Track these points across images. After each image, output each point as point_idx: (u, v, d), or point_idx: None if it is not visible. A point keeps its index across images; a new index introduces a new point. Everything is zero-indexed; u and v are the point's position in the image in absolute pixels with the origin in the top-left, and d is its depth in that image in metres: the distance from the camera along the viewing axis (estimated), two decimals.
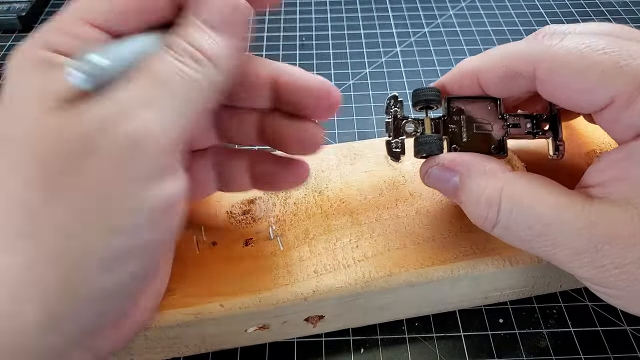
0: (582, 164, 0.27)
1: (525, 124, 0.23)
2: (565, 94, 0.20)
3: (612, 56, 0.18)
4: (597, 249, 0.18)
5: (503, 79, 0.22)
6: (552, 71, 0.19)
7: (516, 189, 0.20)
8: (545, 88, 0.20)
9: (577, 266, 0.19)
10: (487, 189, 0.20)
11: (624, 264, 0.18)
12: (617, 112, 0.19)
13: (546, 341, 0.27)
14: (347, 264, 0.24)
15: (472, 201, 0.21)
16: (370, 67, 0.47)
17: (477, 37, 0.50)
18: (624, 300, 0.19)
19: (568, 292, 0.29)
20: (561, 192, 0.20)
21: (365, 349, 0.27)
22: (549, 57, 0.20)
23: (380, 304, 0.25)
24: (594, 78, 0.18)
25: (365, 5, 0.56)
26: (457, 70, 0.23)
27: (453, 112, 0.23)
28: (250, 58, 0.21)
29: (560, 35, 0.20)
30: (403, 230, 0.25)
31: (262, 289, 0.23)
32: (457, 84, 0.23)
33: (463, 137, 0.23)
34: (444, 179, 0.22)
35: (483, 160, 0.22)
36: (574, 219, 0.19)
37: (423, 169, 0.24)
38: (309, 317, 0.25)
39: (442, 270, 0.24)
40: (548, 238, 0.19)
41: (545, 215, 0.19)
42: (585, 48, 0.19)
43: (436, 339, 0.27)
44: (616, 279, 0.18)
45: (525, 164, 0.27)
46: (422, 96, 0.23)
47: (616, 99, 0.18)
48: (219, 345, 0.26)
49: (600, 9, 0.53)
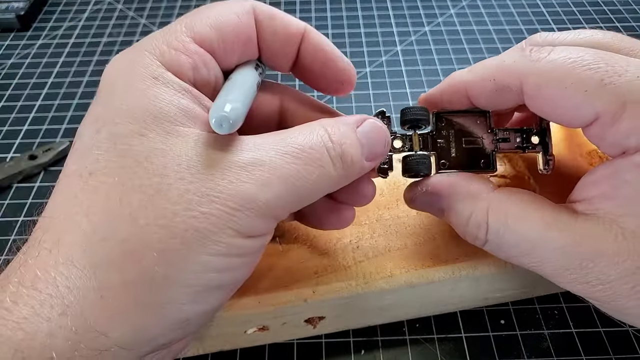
0: (582, 164, 0.27)
1: (515, 138, 0.23)
2: (552, 109, 0.20)
3: (598, 72, 0.18)
4: (582, 266, 0.18)
5: (492, 93, 0.21)
6: (539, 87, 0.19)
7: (501, 209, 0.20)
8: (532, 102, 0.20)
9: (565, 281, 0.20)
10: (473, 212, 0.21)
11: (608, 281, 0.18)
12: (602, 130, 0.18)
13: (547, 342, 0.27)
14: (348, 264, 0.24)
15: (460, 223, 0.21)
16: (370, 66, 0.47)
17: (478, 37, 0.49)
18: (612, 312, 0.20)
19: (569, 293, 0.28)
20: (547, 209, 0.20)
21: (365, 351, 0.27)
22: (535, 72, 0.19)
23: (380, 305, 0.25)
24: (578, 95, 0.18)
25: (365, 4, 0.56)
26: (447, 84, 0.23)
27: (442, 127, 0.23)
28: (282, 15, 0.21)
29: (548, 49, 0.20)
30: (404, 230, 0.25)
31: (261, 290, 0.23)
32: (446, 97, 0.23)
33: (452, 152, 0.23)
34: (429, 204, 0.23)
35: (467, 181, 0.22)
36: (559, 237, 0.19)
37: (408, 194, 0.23)
38: (309, 318, 0.25)
39: (444, 271, 0.23)
40: (535, 256, 0.20)
41: (531, 234, 0.19)
42: (571, 63, 0.19)
43: (437, 340, 0.27)
44: (601, 294, 0.19)
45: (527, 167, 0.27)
46: (410, 115, 0.23)
47: (600, 116, 0.18)
48: (218, 347, 0.26)
49: (601, 7, 0.53)
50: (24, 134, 0.41)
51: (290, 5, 0.55)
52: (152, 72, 0.18)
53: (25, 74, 0.47)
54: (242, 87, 0.20)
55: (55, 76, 0.47)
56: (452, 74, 0.23)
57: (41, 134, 0.41)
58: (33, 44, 0.51)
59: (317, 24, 0.53)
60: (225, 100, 0.18)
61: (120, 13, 0.55)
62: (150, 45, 0.19)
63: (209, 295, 0.17)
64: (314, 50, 0.21)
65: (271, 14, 0.21)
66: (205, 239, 0.16)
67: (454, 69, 0.46)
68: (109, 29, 0.53)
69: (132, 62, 0.18)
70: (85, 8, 0.56)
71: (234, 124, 0.17)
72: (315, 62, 0.22)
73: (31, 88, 0.46)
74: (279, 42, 0.21)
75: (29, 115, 0.43)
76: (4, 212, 0.35)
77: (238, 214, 0.16)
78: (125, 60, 0.19)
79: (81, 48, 0.50)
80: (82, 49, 0.50)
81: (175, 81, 0.18)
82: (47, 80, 0.46)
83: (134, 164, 0.16)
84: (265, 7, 0.21)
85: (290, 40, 0.21)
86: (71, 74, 0.47)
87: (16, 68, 0.48)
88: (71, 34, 0.52)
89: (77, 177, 0.17)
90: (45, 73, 0.47)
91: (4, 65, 0.48)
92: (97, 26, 0.53)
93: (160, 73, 0.18)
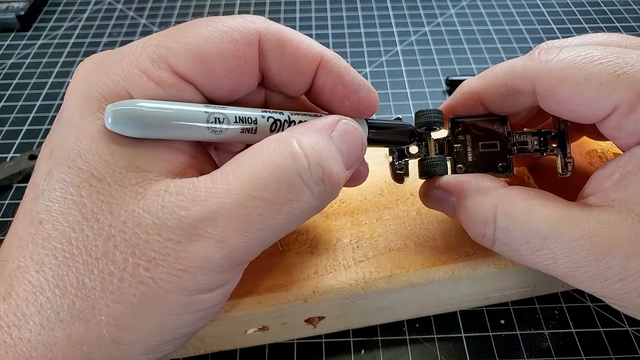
0: (582, 164, 0.27)
1: (532, 141, 0.23)
2: (567, 107, 0.20)
3: (609, 66, 0.18)
4: (598, 260, 0.17)
5: (505, 98, 0.22)
6: (551, 86, 0.19)
7: (510, 204, 0.20)
8: (546, 103, 0.20)
9: (581, 281, 0.18)
10: (481, 207, 0.20)
11: (628, 275, 0.17)
12: (619, 120, 0.18)
13: (547, 342, 0.27)
14: (348, 264, 0.24)
15: (469, 220, 0.21)
16: (370, 66, 0.47)
17: (478, 37, 0.49)
18: (631, 310, 0.19)
19: (569, 292, 0.29)
20: (558, 204, 0.19)
21: (365, 350, 0.26)
22: (547, 72, 0.19)
23: (380, 305, 0.25)
24: (593, 90, 0.18)
25: (365, 4, 0.56)
26: (459, 93, 0.23)
27: (458, 132, 0.23)
28: (295, 41, 0.19)
29: (556, 50, 0.20)
30: (404, 230, 0.25)
31: (261, 290, 0.22)
32: (460, 107, 0.23)
33: (468, 156, 0.23)
34: (441, 200, 0.23)
35: (478, 179, 0.21)
36: (571, 230, 0.18)
37: (422, 190, 0.24)
38: (309, 318, 0.25)
39: (444, 270, 0.23)
40: (547, 252, 0.19)
41: (542, 228, 0.19)
42: (582, 60, 0.19)
43: (437, 340, 0.27)
44: (622, 292, 0.18)
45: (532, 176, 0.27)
46: (424, 118, 0.23)
47: (617, 107, 0.18)
48: (218, 347, 0.26)
49: (601, 7, 0.53)
50: (24, 134, 0.41)
51: (290, 5, 0.55)
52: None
53: (25, 74, 0.47)
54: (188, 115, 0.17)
55: (55, 76, 0.47)
56: (463, 83, 0.23)
57: (41, 134, 0.41)
58: (33, 44, 0.51)
59: (317, 24, 0.53)
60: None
61: (121, 13, 0.55)
62: (120, 66, 0.17)
63: (170, 344, 0.17)
64: (333, 83, 0.19)
65: (281, 40, 0.18)
66: (156, 303, 0.16)
67: (454, 69, 0.46)
68: (109, 29, 0.53)
69: (96, 83, 0.17)
70: (85, 8, 0.56)
71: (129, 121, 0.16)
72: (335, 95, 0.20)
73: (31, 88, 0.46)
74: (287, 74, 0.19)
75: (29, 115, 0.43)
76: (4, 212, 0.35)
77: (189, 275, 0.16)
78: (91, 75, 0.17)
79: (81, 48, 0.50)
80: (82, 49, 0.50)
81: None
82: (47, 80, 0.46)
83: (82, 219, 0.16)
84: (274, 34, 0.18)
85: (301, 71, 0.19)
86: (71, 74, 0.47)
87: (16, 68, 0.48)
88: (71, 34, 0.52)
89: (29, 221, 0.16)
90: (45, 73, 0.47)
91: (4, 66, 0.48)
92: (97, 26, 0.53)
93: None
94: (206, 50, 0.17)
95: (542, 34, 0.50)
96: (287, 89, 0.20)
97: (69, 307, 0.15)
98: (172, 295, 0.16)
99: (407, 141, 0.23)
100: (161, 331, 0.16)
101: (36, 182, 0.17)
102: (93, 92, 0.17)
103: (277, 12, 0.55)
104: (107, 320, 0.15)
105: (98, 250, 0.15)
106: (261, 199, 0.16)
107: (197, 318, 0.17)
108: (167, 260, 0.15)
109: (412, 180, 0.27)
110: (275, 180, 0.16)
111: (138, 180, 0.16)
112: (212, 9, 0.55)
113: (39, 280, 0.15)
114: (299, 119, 0.20)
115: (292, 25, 0.52)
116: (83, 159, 0.16)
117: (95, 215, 0.16)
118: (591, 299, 0.28)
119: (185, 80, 0.17)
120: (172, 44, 0.17)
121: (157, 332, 0.16)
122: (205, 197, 0.16)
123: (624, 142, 0.19)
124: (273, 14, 0.54)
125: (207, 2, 0.56)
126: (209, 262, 0.16)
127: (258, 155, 0.16)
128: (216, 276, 0.16)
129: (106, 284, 0.15)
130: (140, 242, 0.15)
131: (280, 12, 0.55)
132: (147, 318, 0.16)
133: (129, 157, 0.16)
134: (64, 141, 0.17)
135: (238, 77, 0.18)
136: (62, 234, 0.16)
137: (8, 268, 0.16)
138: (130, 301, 0.15)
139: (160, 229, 0.15)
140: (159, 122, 0.16)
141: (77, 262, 0.15)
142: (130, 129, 0.16)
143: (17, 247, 0.16)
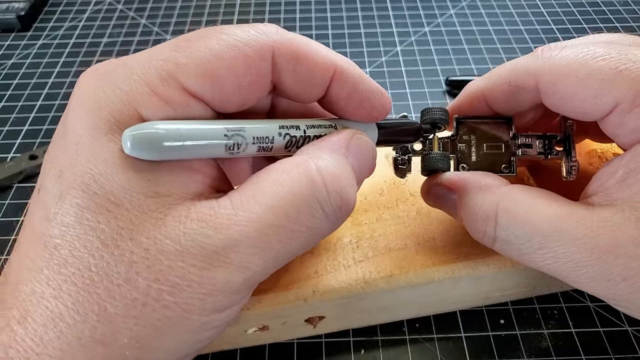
0: (582, 164, 0.27)
1: (537, 144, 0.23)
2: (569, 103, 0.20)
3: (612, 62, 0.18)
4: (601, 259, 0.17)
5: (509, 95, 0.22)
6: (554, 82, 0.19)
7: (512, 202, 0.20)
8: (549, 100, 0.20)
9: (583, 281, 0.18)
10: (483, 205, 0.20)
11: (631, 275, 0.17)
12: (621, 116, 0.18)
13: (547, 342, 0.27)
14: (348, 264, 0.24)
15: (470, 217, 0.21)
16: (370, 66, 0.47)
17: (478, 37, 0.49)
18: (634, 311, 0.19)
19: (569, 292, 0.29)
20: (560, 203, 0.19)
21: (365, 350, 0.27)
22: (549, 69, 0.20)
23: (380, 305, 0.25)
24: (595, 85, 0.18)
25: (365, 4, 0.56)
26: (464, 94, 0.23)
27: (463, 132, 0.23)
28: (310, 54, 0.19)
29: (559, 47, 0.20)
30: (404, 230, 0.25)
31: (261, 290, 0.22)
32: (466, 107, 0.23)
33: (472, 156, 0.23)
34: (443, 197, 0.23)
35: (480, 176, 0.21)
36: (574, 229, 0.18)
37: (424, 187, 0.24)
38: (309, 318, 0.25)
39: (443, 270, 0.23)
40: (548, 251, 0.18)
41: (543, 226, 0.18)
42: (584, 56, 0.19)
43: (437, 340, 0.27)
44: (626, 292, 0.17)
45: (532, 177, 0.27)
46: (429, 115, 0.23)
47: (619, 103, 0.18)
48: (218, 346, 0.26)
49: (600, 8, 0.53)
50: (24, 134, 0.41)
51: (290, 6, 0.55)
52: (121, 128, 0.16)
53: (25, 74, 0.47)
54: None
55: (55, 76, 0.47)
56: (468, 84, 0.24)
57: (42, 134, 0.41)
58: (33, 44, 0.51)
59: (317, 24, 0.53)
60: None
61: (121, 13, 0.55)
62: (129, 83, 0.16)
63: (186, 357, 0.18)
64: (347, 94, 0.19)
65: (295, 54, 0.18)
66: (178, 324, 0.16)
67: (454, 69, 0.46)
68: (110, 30, 0.53)
69: (104, 101, 0.16)
70: (85, 8, 0.56)
71: (153, 145, 0.15)
72: (349, 104, 0.20)
73: (32, 88, 0.46)
74: (300, 86, 0.19)
75: (30, 116, 0.43)
76: (4, 212, 0.35)
77: (211, 298, 0.16)
78: (97, 92, 0.16)
79: (82, 48, 0.50)
80: (83, 49, 0.50)
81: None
82: (47, 80, 0.46)
83: (100, 246, 0.15)
84: (288, 47, 0.18)
85: (316, 83, 0.19)
86: (72, 74, 0.47)
87: (17, 68, 0.48)
88: (72, 35, 0.52)
89: (42, 245, 0.16)
90: (45, 73, 0.47)
91: (5, 66, 0.48)
92: (98, 26, 0.53)
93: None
94: (217, 67, 0.17)
95: (542, 34, 0.50)
96: (299, 98, 0.20)
97: (90, 332, 0.15)
98: (194, 317, 0.16)
99: (414, 139, 0.23)
100: (180, 348, 0.17)
101: (46, 203, 0.16)
102: (102, 111, 0.16)
103: (277, 12, 0.55)
104: (130, 343, 0.15)
105: (120, 277, 0.15)
106: (282, 227, 0.16)
107: (214, 333, 0.17)
108: (191, 285, 0.16)
109: (413, 180, 0.27)
110: (296, 210, 0.16)
111: (157, 206, 0.16)
112: (212, 9, 0.55)
113: (57, 306, 0.15)
114: (314, 132, 0.19)
115: (292, 26, 0.52)
116: (98, 183, 0.16)
117: (115, 241, 0.15)
118: (591, 299, 0.28)
119: (195, 97, 0.17)
120: (182, 59, 0.16)
121: (177, 349, 0.16)
122: (227, 225, 0.16)
123: (626, 140, 0.19)
124: (273, 14, 0.54)
125: (208, 3, 0.56)
126: (231, 286, 0.16)
127: (279, 183, 0.17)
128: (234, 296, 0.17)
129: (129, 309, 0.15)
130: (163, 269, 0.15)
131: (280, 12, 0.55)
132: (168, 338, 0.16)
133: (146, 183, 0.16)
134: (74, 163, 0.16)
135: (249, 92, 0.18)
136: (79, 261, 0.15)
137: (22, 292, 0.16)
138: (154, 324, 0.16)
139: (183, 255, 0.16)
140: (179, 145, 0.16)
141: (98, 289, 0.15)
142: (150, 153, 0.16)
143: (30, 270, 0.16)
